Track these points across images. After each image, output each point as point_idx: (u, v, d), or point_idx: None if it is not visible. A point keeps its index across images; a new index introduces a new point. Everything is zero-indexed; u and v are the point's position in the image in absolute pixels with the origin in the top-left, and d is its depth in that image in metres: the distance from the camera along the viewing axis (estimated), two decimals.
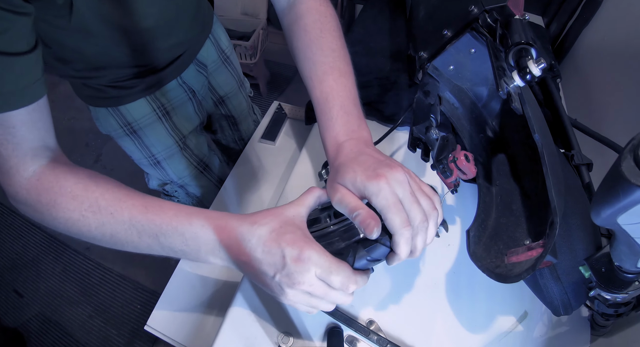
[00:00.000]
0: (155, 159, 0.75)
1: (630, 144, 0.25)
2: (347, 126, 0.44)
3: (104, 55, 0.58)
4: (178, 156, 0.77)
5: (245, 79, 0.93)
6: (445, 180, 0.49)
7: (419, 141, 0.55)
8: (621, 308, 0.41)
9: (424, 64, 0.59)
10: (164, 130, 0.73)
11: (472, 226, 0.51)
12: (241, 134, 0.97)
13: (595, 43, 0.84)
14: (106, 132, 0.72)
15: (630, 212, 0.26)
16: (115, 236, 0.38)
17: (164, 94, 0.71)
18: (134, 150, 0.74)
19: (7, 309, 1.37)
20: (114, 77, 0.62)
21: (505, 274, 0.42)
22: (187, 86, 0.74)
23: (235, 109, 0.90)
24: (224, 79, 0.83)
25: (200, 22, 0.69)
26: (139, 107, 0.69)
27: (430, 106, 0.55)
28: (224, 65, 0.83)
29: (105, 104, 0.67)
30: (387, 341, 0.47)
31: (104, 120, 0.69)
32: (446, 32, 0.56)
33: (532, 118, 0.42)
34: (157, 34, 0.59)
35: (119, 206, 0.38)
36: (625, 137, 0.26)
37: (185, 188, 0.83)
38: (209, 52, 0.77)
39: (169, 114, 0.73)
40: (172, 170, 0.78)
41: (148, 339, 1.28)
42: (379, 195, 0.35)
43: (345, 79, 0.48)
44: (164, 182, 0.82)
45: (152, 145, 0.73)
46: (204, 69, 0.77)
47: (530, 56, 0.41)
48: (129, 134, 0.70)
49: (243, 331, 0.49)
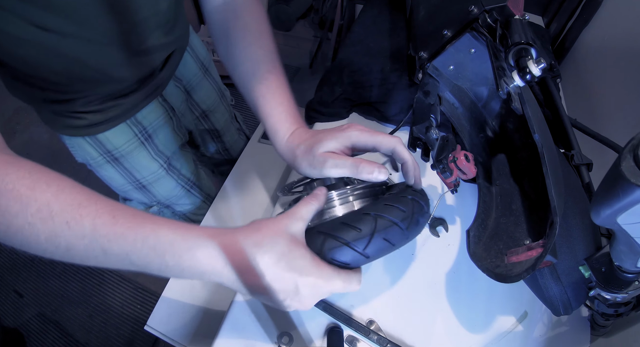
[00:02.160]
0: (141, 184, 0.71)
1: (630, 144, 0.25)
2: (297, 116, 0.49)
3: (73, 70, 0.51)
4: (165, 179, 0.73)
5: (225, 88, 0.88)
6: (445, 180, 0.49)
7: (419, 141, 0.55)
8: (621, 308, 0.41)
9: (424, 64, 0.59)
10: (147, 155, 0.68)
11: (472, 226, 0.51)
12: (225, 144, 0.92)
13: (595, 43, 0.84)
14: (83, 161, 0.66)
15: (630, 212, 0.26)
16: (72, 250, 0.31)
17: (145, 116, 0.65)
18: (115, 177, 0.68)
19: (7, 309, 1.37)
20: (88, 99, 0.56)
21: (505, 274, 0.43)
22: (167, 105, 0.69)
23: (219, 122, 0.86)
24: (205, 92, 0.79)
25: (177, 31, 0.61)
26: (119, 134, 0.62)
27: (430, 106, 0.55)
28: (205, 78, 0.78)
29: (81, 133, 0.60)
30: (387, 340, 0.47)
31: (80, 150, 0.63)
32: (446, 32, 0.56)
33: (532, 118, 0.42)
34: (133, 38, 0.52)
35: (78, 212, 0.30)
36: (625, 137, 0.26)
37: (172, 207, 0.80)
38: (189, 66, 0.73)
39: (151, 137, 0.67)
40: (159, 192, 0.74)
41: (148, 339, 1.28)
42: (384, 141, 0.43)
43: (284, 78, 0.51)
44: (148, 206, 0.77)
45: (136, 171, 0.68)
46: (180, 83, 0.72)
47: (530, 56, 0.41)
48: (110, 161, 0.65)
49: (243, 331, 0.49)
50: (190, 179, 0.78)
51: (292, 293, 0.34)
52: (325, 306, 0.50)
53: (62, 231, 0.30)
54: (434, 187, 0.63)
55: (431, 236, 0.58)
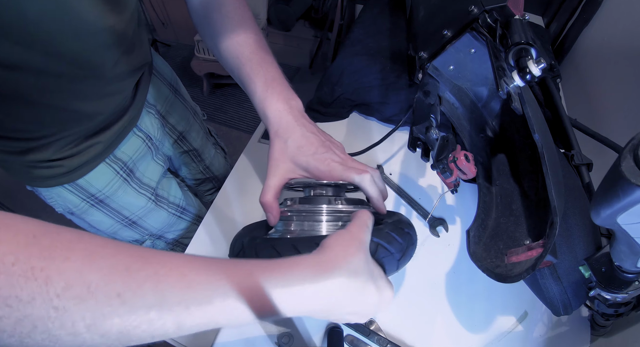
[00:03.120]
0: (131, 221, 0.67)
1: (630, 144, 0.25)
2: (285, 93, 0.47)
3: (42, 112, 0.46)
4: (155, 211, 0.70)
5: (195, 104, 0.85)
6: (445, 180, 0.49)
7: (419, 141, 0.55)
8: (621, 308, 0.41)
9: (424, 64, 0.59)
10: (133, 191, 0.64)
11: (472, 226, 0.51)
12: (205, 162, 0.89)
13: (595, 43, 0.84)
14: (64, 211, 0.60)
15: (630, 212, 0.26)
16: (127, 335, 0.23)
17: (123, 151, 0.61)
18: (104, 220, 0.64)
19: None
20: (63, 142, 0.51)
21: (505, 274, 0.43)
22: (144, 134, 0.65)
23: (196, 141, 0.83)
24: (180, 113, 0.76)
25: (142, 53, 0.57)
26: (100, 175, 0.58)
27: (430, 106, 0.55)
28: (177, 99, 0.76)
29: (60, 182, 0.55)
30: (387, 341, 0.47)
31: (61, 200, 0.58)
32: (446, 32, 0.56)
33: (532, 118, 0.42)
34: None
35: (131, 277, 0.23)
36: (625, 137, 0.26)
37: (164, 237, 0.77)
38: (160, 90, 0.69)
39: (133, 172, 0.64)
40: (151, 225, 0.71)
41: None
42: (367, 182, 0.43)
43: (271, 58, 0.50)
44: (140, 242, 0.73)
45: (124, 209, 0.65)
46: (154, 109, 0.68)
47: (530, 56, 0.41)
48: (94, 204, 0.61)
49: (243, 331, 0.49)
50: (179, 205, 0.76)
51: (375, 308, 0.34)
52: None
53: (112, 309, 0.22)
54: (434, 187, 0.63)
55: (431, 236, 0.58)
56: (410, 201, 0.61)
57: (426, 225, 0.59)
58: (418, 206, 0.61)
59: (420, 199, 0.61)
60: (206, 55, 1.82)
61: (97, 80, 0.49)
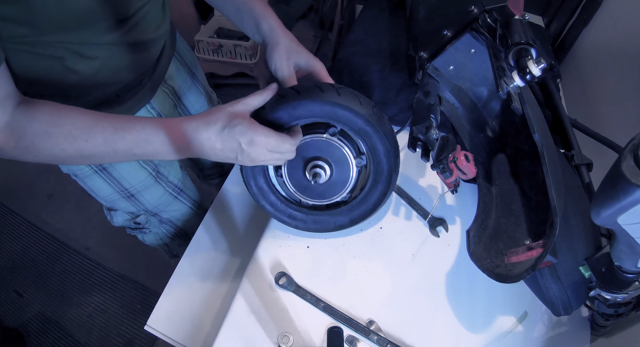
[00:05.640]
0: (129, 193, 0.70)
1: (630, 144, 0.25)
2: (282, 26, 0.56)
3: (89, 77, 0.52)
4: (153, 187, 0.73)
5: (212, 90, 0.88)
6: (445, 180, 0.49)
7: (419, 141, 0.55)
8: (621, 308, 0.41)
9: (424, 64, 0.59)
10: (135, 164, 0.68)
11: (472, 226, 0.51)
12: None
13: (595, 43, 0.84)
14: (69, 172, 0.65)
15: (630, 212, 0.26)
16: (94, 156, 0.44)
17: None
18: (103, 187, 0.67)
19: (7, 309, 1.37)
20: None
21: (505, 274, 0.43)
22: (156, 112, 0.68)
23: None
24: (194, 96, 0.80)
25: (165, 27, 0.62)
26: None
27: (430, 106, 0.55)
28: (194, 83, 0.79)
29: None
30: (387, 341, 0.47)
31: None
32: (446, 32, 0.56)
33: (532, 118, 0.42)
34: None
35: (91, 132, 0.42)
36: (625, 137, 0.26)
37: (159, 215, 0.79)
38: (178, 72, 0.73)
39: None
40: (147, 200, 0.74)
41: (148, 339, 1.27)
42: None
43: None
44: (135, 215, 0.77)
45: (124, 180, 0.68)
46: (170, 89, 0.72)
47: (530, 56, 0.41)
48: (97, 171, 0.64)
49: (243, 331, 0.49)
50: (177, 185, 0.78)
51: (239, 151, 0.44)
52: (325, 306, 0.50)
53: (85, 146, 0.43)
54: (434, 187, 0.63)
55: (431, 236, 0.58)
56: (410, 201, 0.61)
57: (426, 225, 0.59)
58: (418, 206, 0.61)
59: (420, 199, 0.61)
60: (206, 55, 1.82)
61: (133, 45, 0.55)
